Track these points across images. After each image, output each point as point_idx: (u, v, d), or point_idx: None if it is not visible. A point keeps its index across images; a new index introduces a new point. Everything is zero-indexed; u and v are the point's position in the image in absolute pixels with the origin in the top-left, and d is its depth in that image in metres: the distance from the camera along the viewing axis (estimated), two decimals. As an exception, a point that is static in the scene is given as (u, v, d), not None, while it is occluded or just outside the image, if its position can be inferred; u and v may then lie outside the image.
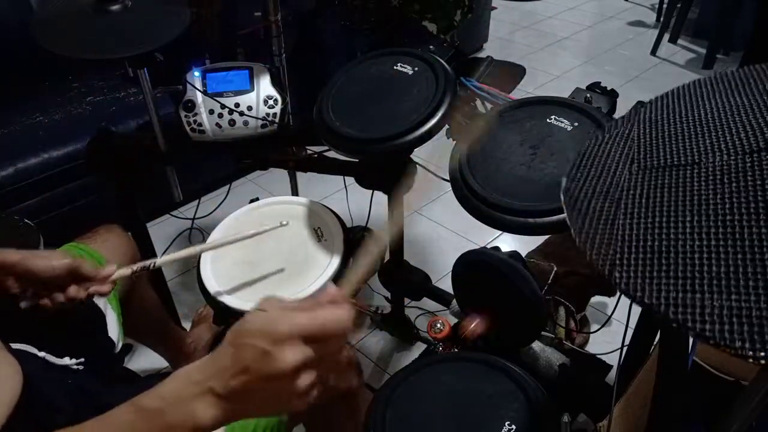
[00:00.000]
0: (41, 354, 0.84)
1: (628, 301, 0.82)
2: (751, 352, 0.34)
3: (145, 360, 1.51)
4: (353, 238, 1.12)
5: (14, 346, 0.79)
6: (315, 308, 0.50)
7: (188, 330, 1.55)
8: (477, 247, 1.71)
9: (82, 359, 0.88)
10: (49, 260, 0.78)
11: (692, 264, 0.40)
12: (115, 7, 1.15)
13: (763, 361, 0.34)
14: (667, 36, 3.26)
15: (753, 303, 0.36)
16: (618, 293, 1.35)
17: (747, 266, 0.38)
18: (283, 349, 0.47)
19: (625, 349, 0.93)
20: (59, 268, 0.79)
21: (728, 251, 0.40)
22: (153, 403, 0.49)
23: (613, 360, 1.16)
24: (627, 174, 0.52)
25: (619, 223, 0.47)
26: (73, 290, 0.80)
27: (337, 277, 1.04)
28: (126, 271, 0.86)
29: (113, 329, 1.01)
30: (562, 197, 0.54)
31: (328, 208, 1.17)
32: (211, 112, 1.26)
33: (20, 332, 0.84)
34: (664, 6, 3.31)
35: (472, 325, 1.00)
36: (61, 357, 0.86)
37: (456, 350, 1.07)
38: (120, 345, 1.02)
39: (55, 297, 0.80)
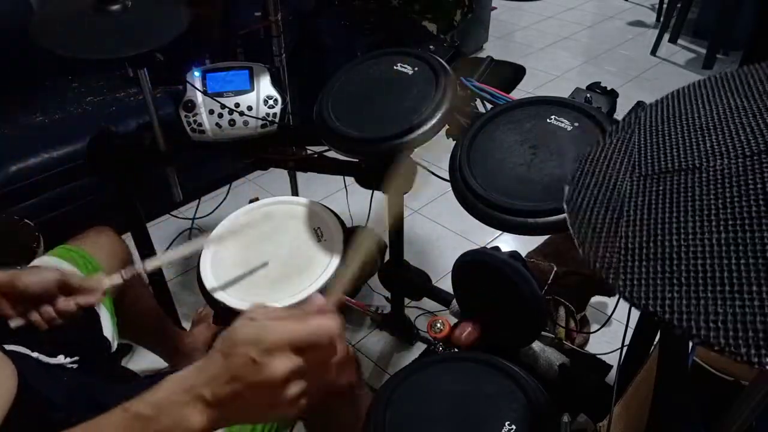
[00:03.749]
0: (34, 354, 0.84)
1: (628, 301, 0.82)
2: (756, 359, 0.34)
3: (145, 360, 1.51)
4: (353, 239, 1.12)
5: (7, 347, 0.79)
6: (303, 317, 0.50)
7: (188, 330, 1.55)
8: (477, 247, 1.71)
9: (77, 358, 0.88)
10: (37, 277, 0.79)
11: (695, 270, 0.40)
12: (115, 7, 1.15)
13: None
14: (667, 36, 3.26)
15: (758, 309, 0.36)
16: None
17: (751, 272, 0.38)
18: (273, 359, 0.47)
19: (625, 349, 0.93)
20: (48, 284, 0.79)
21: (731, 257, 0.39)
22: (145, 409, 0.49)
23: (613, 360, 1.16)
24: (629, 181, 0.52)
25: (621, 232, 0.47)
26: (63, 303, 0.80)
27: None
28: (115, 279, 0.86)
29: (107, 329, 1.01)
30: (565, 206, 0.53)
31: (328, 208, 1.17)
32: (211, 112, 1.26)
33: (12, 333, 0.84)
34: (664, 6, 3.31)
35: (465, 334, 1.00)
36: (55, 356, 0.86)
37: (456, 350, 1.07)
38: (115, 344, 1.02)
39: (46, 311, 0.80)
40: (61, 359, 0.86)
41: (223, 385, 0.48)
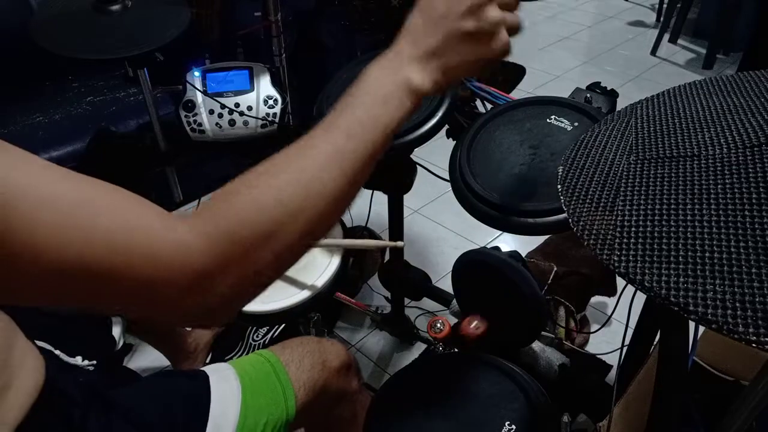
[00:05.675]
0: (56, 351, 0.86)
1: (628, 301, 0.83)
2: (754, 337, 0.34)
3: (146, 359, 1.51)
4: (353, 238, 1.12)
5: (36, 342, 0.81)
6: None
7: (189, 330, 1.55)
8: (477, 247, 1.71)
9: (95, 361, 0.90)
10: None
11: (693, 250, 0.41)
12: (115, 7, 1.15)
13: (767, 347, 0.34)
14: (667, 36, 3.25)
15: (757, 290, 0.36)
16: (618, 293, 1.35)
17: (750, 254, 0.38)
18: None
19: (625, 349, 0.93)
20: None
21: (730, 239, 0.40)
22: (368, 78, 0.55)
23: (613, 360, 1.16)
24: (625, 164, 0.52)
25: (618, 210, 0.47)
26: None
27: (337, 277, 1.04)
28: None
29: (116, 328, 1.02)
30: (559, 186, 0.54)
31: (328, 208, 1.17)
32: (211, 112, 1.26)
33: (40, 330, 0.85)
34: (664, 6, 3.31)
35: (472, 326, 1.00)
36: (74, 356, 0.88)
37: (456, 350, 1.07)
38: (121, 343, 1.03)
39: None
40: (78, 360, 0.88)
41: (428, 36, 0.53)
